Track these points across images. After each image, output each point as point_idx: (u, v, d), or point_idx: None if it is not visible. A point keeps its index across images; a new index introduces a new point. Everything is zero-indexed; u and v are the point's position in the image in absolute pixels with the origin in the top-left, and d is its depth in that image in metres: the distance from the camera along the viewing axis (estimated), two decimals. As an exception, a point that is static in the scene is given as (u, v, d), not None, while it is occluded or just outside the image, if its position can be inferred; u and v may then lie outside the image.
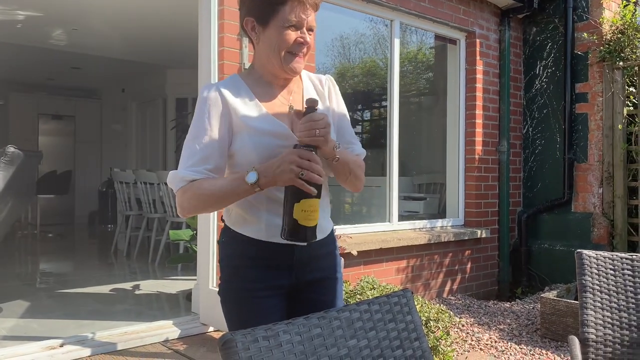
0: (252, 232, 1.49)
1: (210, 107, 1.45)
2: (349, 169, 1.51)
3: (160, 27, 6.29)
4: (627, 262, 1.87)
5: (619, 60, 4.66)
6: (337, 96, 1.60)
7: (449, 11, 4.82)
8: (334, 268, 1.61)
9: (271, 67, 1.49)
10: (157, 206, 6.17)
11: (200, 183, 1.39)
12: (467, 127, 5.14)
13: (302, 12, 1.42)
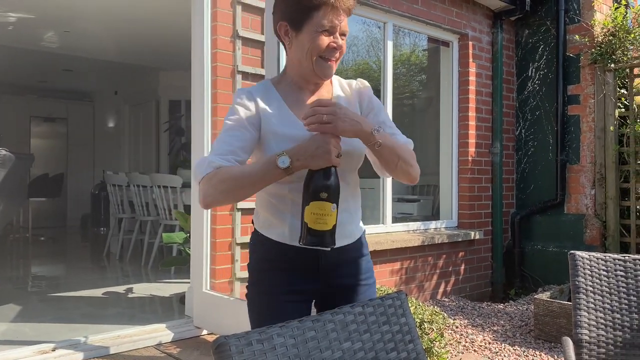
0: (277, 236, 1.50)
1: (242, 110, 1.47)
2: (397, 155, 1.44)
3: (153, 30, 6.27)
4: (619, 263, 1.87)
5: (611, 62, 4.70)
6: (370, 98, 1.58)
7: (441, 14, 4.83)
8: (365, 274, 1.59)
9: (303, 72, 1.50)
10: (150, 209, 6.15)
11: (229, 168, 1.38)
12: (460, 129, 5.16)
13: (336, 17, 1.43)
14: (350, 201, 1.55)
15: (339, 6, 1.42)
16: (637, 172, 4.59)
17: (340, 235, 1.44)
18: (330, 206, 1.34)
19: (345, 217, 1.50)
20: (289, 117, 1.49)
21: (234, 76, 3.51)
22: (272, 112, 1.48)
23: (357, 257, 1.58)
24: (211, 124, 3.47)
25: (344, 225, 1.49)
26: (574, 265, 1.87)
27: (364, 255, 1.60)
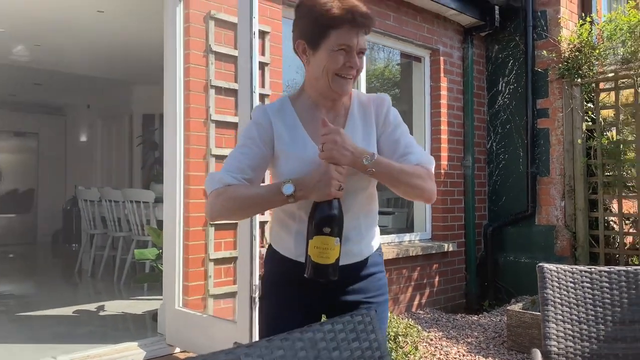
0: (285, 250, 1.56)
1: (257, 127, 1.52)
2: (397, 179, 1.45)
3: (126, 43, 6.22)
4: (586, 275, 1.91)
5: (577, 77, 4.82)
6: (388, 113, 1.58)
7: (413, 29, 4.91)
8: (375, 291, 1.59)
9: (320, 88, 1.52)
10: (122, 224, 6.06)
11: (237, 187, 1.45)
12: (433, 142, 5.22)
13: (353, 36, 1.44)
14: (362, 219, 1.55)
15: (356, 25, 1.43)
16: (605, 183, 4.70)
17: (347, 254, 1.45)
18: (333, 240, 1.35)
19: (353, 236, 1.51)
20: (301, 135, 1.51)
21: (207, 90, 3.50)
22: (286, 130, 1.51)
23: (365, 275, 1.58)
24: (184, 138, 3.45)
25: (351, 244, 1.50)
26: (542, 278, 1.90)
27: (375, 273, 1.60)
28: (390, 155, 1.52)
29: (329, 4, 1.44)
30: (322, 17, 1.43)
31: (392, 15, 4.72)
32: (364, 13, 1.44)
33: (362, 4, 1.47)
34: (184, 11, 3.46)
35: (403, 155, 1.52)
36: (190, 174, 3.42)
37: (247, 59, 2.91)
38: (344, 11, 1.42)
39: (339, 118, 1.56)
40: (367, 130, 1.56)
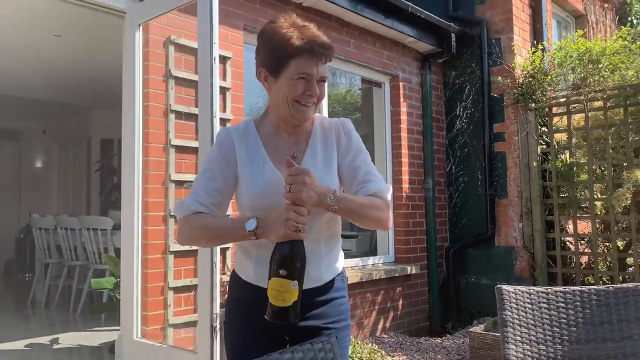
0: (246, 275, 1.57)
1: (220, 149, 1.56)
2: (357, 214, 1.48)
3: (84, 68, 6.12)
4: (542, 295, 1.95)
5: (531, 102, 4.99)
6: (349, 139, 1.60)
7: (373, 56, 5.00)
8: (337, 316, 1.58)
9: (281, 114, 1.54)
10: (78, 253, 5.87)
11: (204, 217, 1.49)
12: (394, 166, 5.29)
13: (313, 65, 1.47)
14: (322, 245, 1.55)
15: (315, 55, 1.46)
16: (560, 205, 4.84)
17: (307, 279, 1.43)
18: (289, 284, 1.33)
19: (312, 260, 1.49)
20: (262, 160, 1.53)
21: (166, 115, 3.47)
22: (247, 153, 1.54)
23: (326, 300, 1.57)
24: (142, 164, 3.39)
25: (310, 269, 1.48)
26: (501, 299, 1.93)
27: (336, 298, 1.60)
28: (349, 181, 1.55)
29: (288, 33, 1.46)
30: (282, 47, 1.46)
31: (353, 42, 4.80)
32: (323, 43, 1.47)
33: (322, 34, 1.50)
34: (144, 36, 3.43)
35: (362, 182, 1.54)
36: (149, 200, 3.35)
37: (207, 84, 2.90)
38: (303, 41, 1.45)
39: (300, 142, 1.58)
40: (327, 155, 1.57)
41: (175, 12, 3.40)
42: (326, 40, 1.49)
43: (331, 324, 1.57)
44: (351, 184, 1.55)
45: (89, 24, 4.79)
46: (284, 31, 1.47)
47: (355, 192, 1.54)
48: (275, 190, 1.43)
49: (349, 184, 1.56)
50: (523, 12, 5.45)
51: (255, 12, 3.98)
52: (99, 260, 5.42)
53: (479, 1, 5.48)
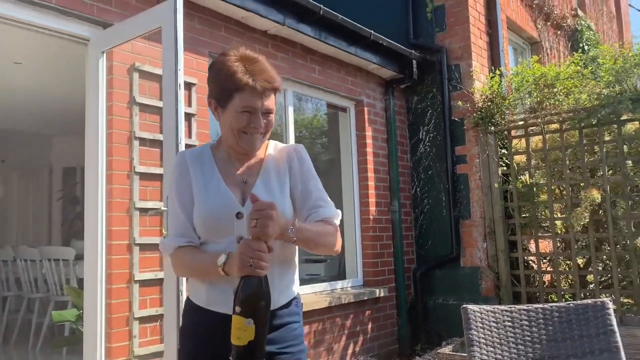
0: (198, 300, 1.58)
1: (178, 176, 1.62)
2: (314, 242, 1.55)
3: (45, 95, 6.02)
4: (507, 314, 1.99)
5: (491, 126, 5.14)
6: (301, 164, 1.65)
7: (338, 82, 5.09)
8: (290, 341, 1.58)
9: (230, 143, 1.60)
10: (39, 285, 5.68)
11: (184, 253, 1.56)
12: (361, 189, 5.35)
13: (257, 99, 1.51)
14: (275, 268, 1.54)
15: (257, 89, 1.51)
16: (522, 225, 4.96)
17: None
18: (243, 321, 1.30)
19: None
20: (217, 182, 1.58)
21: (130, 142, 3.43)
22: (202, 177, 1.58)
23: (279, 324, 1.56)
24: (106, 192, 3.34)
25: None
26: (467, 319, 1.96)
27: (289, 323, 1.59)
28: (301, 206, 1.61)
29: (234, 67, 1.52)
30: (228, 81, 1.52)
31: (318, 68, 4.88)
32: (267, 77, 1.53)
33: (268, 67, 1.56)
34: (107, 63, 3.41)
35: (313, 207, 1.61)
36: (113, 228, 3.29)
37: (172, 110, 2.90)
38: (247, 76, 1.50)
39: (252, 169, 1.62)
40: (281, 180, 1.62)
41: (140, 39, 3.40)
42: (271, 75, 1.54)
43: (285, 349, 1.57)
44: (302, 209, 1.61)
45: (50, 51, 4.74)
46: (231, 65, 1.53)
47: (306, 216, 1.60)
48: (227, 212, 1.49)
49: (301, 208, 1.61)
50: (480, 39, 5.65)
51: (221, 40, 4.01)
52: (60, 292, 5.26)
53: (438, 29, 5.66)
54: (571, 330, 1.94)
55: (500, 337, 1.95)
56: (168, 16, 2.92)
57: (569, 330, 1.94)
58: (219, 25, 4.02)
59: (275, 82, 1.55)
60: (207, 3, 3.86)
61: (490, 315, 1.97)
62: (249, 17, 4.09)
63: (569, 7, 8.14)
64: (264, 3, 4.10)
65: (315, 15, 4.42)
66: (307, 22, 4.47)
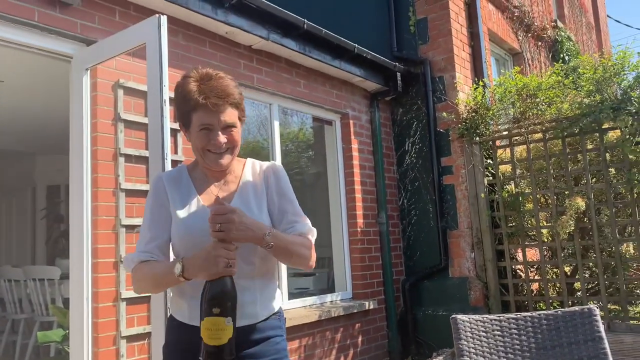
0: (180, 316, 1.59)
1: (153, 196, 1.65)
2: (290, 252, 1.55)
3: (28, 113, 5.97)
4: (496, 323, 2.00)
5: (476, 136, 5.19)
6: (278, 181, 1.67)
7: (323, 95, 5.11)
8: (272, 355, 1.57)
9: (200, 162, 1.63)
10: (23, 305, 5.58)
11: (143, 266, 1.56)
12: (348, 202, 5.35)
13: (212, 116, 1.53)
14: (257, 280, 1.56)
15: (209, 107, 1.52)
16: (509, 234, 5.00)
17: (242, 315, 1.45)
18: (223, 321, 1.34)
19: (247, 297, 1.51)
20: (194, 203, 1.59)
21: (116, 159, 3.41)
22: (179, 197, 1.61)
23: (261, 338, 1.56)
24: (91, 209, 3.30)
25: (245, 306, 1.49)
26: (457, 329, 1.96)
27: (271, 337, 1.58)
28: (278, 222, 1.62)
29: (187, 88, 1.55)
30: (184, 102, 1.56)
31: (303, 82, 4.90)
32: (219, 93, 1.54)
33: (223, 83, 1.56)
34: (91, 80, 3.39)
35: (290, 223, 1.63)
36: (99, 246, 3.26)
37: (158, 126, 2.89)
38: (200, 95, 1.52)
39: (229, 185, 1.64)
40: (258, 198, 1.64)
41: (124, 55, 3.40)
42: (223, 90, 1.55)
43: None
44: (279, 225, 1.62)
45: (33, 68, 4.71)
46: (187, 86, 1.56)
47: (283, 230, 1.61)
48: (205, 229, 1.48)
49: (277, 224, 1.63)
50: (463, 51, 5.73)
51: (206, 55, 4.02)
52: (45, 312, 5.17)
53: (421, 42, 5.72)
54: (560, 338, 1.95)
55: (490, 346, 1.95)
56: (152, 32, 2.92)
57: (558, 337, 1.95)
58: (203, 40, 4.03)
59: (228, 97, 1.56)
60: (191, 19, 3.87)
61: (479, 325, 1.97)
62: (233, 33, 4.11)
63: (549, 18, 8.29)
64: (248, 18, 4.12)
65: (299, 30, 4.45)
66: (291, 37, 4.50)
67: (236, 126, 1.59)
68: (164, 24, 2.90)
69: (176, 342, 1.59)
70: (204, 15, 3.81)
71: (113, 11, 3.47)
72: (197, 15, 3.81)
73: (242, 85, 4.34)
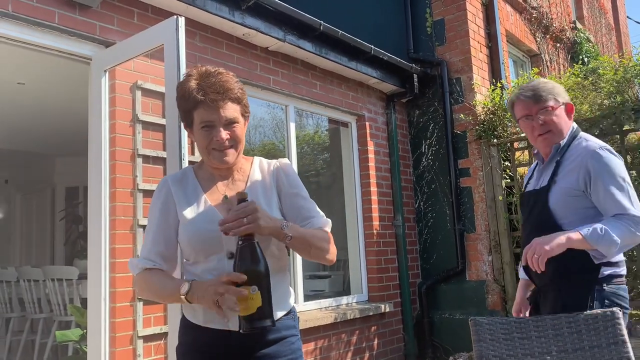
0: (192, 316, 1.58)
1: (158, 200, 1.62)
2: (309, 243, 1.53)
3: (48, 115, 6.05)
4: (515, 325, 1.96)
5: (493, 138, 5.14)
6: (288, 178, 1.65)
7: (339, 97, 5.11)
8: (287, 356, 1.56)
9: (206, 161, 1.62)
10: (42, 305, 5.65)
11: (151, 276, 1.55)
12: (364, 204, 5.33)
13: (211, 113, 1.52)
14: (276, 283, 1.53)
15: (208, 104, 1.51)
16: (527, 237, 4.93)
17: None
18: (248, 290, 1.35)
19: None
20: (201, 201, 1.58)
21: (134, 160, 3.44)
22: (185, 198, 1.59)
23: (276, 339, 1.55)
24: (109, 210, 3.33)
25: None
26: (475, 332, 1.94)
27: (286, 337, 1.57)
28: (293, 220, 1.59)
29: (187, 86, 1.54)
30: (184, 101, 1.56)
31: (319, 84, 4.90)
32: (217, 88, 1.52)
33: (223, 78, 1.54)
34: (110, 82, 3.43)
35: (306, 219, 1.61)
36: (117, 246, 3.28)
37: (175, 127, 2.90)
38: (199, 92, 1.51)
39: (237, 184, 1.63)
40: (267, 195, 1.62)
41: (142, 57, 3.42)
42: (222, 85, 1.53)
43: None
44: (296, 220, 1.60)
45: (53, 71, 4.77)
46: (186, 85, 1.55)
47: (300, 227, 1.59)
48: (213, 229, 1.47)
49: (294, 219, 1.60)
50: (481, 53, 5.68)
51: (223, 57, 4.04)
52: (64, 312, 5.22)
53: (438, 43, 5.69)
54: (581, 341, 1.91)
55: (509, 349, 1.92)
56: (170, 34, 2.94)
57: (579, 341, 1.91)
58: (221, 42, 4.05)
59: (227, 92, 1.54)
60: (209, 21, 3.89)
61: (498, 327, 1.94)
62: (250, 34, 4.12)
63: (568, 20, 8.19)
64: (264, 20, 4.13)
65: (315, 31, 4.45)
66: (308, 38, 4.50)
67: (238, 122, 1.57)
68: (182, 26, 2.92)
69: (190, 343, 1.58)
70: (221, 17, 3.83)
71: (131, 13, 3.51)
72: (215, 17, 3.83)
73: (258, 87, 4.36)
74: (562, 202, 2.00)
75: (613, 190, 1.91)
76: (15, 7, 2.96)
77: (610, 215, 1.92)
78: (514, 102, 2.18)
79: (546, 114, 2.06)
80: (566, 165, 2.03)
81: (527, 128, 2.13)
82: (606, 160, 1.95)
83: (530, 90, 2.10)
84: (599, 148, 1.99)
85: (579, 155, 2.01)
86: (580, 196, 1.98)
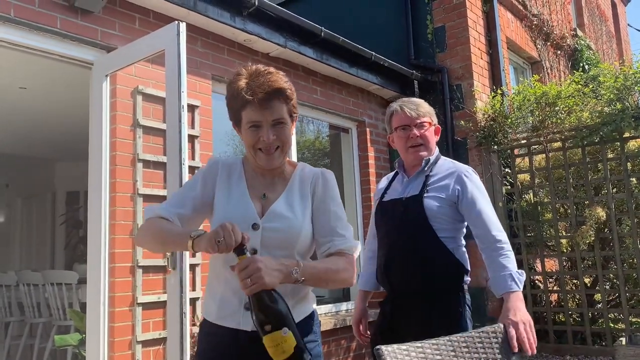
0: (210, 315, 1.59)
1: (206, 174, 1.64)
2: (323, 280, 1.53)
3: (49, 120, 6.06)
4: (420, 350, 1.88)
5: (494, 144, 5.14)
6: (325, 192, 1.64)
7: (339, 103, 5.12)
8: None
9: (250, 160, 1.63)
10: (42, 309, 5.63)
11: (162, 222, 1.54)
12: (364, 210, 5.33)
13: (259, 112, 1.52)
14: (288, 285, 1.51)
15: (256, 103, 1.51)
16: (527, 244, 4.93)
17: None
18: (279, 334, 1.30)
19: None
20: (241, 192, 1.60)
21: (134, 164, 3.44)
22: (227, 186, 1.61)
23: None
24: (109, 214, 3.33)
25: None
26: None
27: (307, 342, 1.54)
28: (319, 232, 1.59)
29: (236, 86, 1.54)
30: (233, 100, 1.56)
31: (320, 90, 4.91)
32: (266, 88, 1.52)
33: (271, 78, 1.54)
34: (111, 86, 3.44)
35: (328, 238, 1.58)
36: (116, 251, 3.28)
37: (175, 132, 2.90)
38: (247, 92, 1.51)
39: (277, 185, 1.63)
40: (303, 201, 1.61)
41: (143, 62, 3.44)
42: (270, 85, 1.52)
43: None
44: (319, 237, 1.59)
45: (55, 75, 4.78)
46: (236, 84, 1.55)
47: (322, 244, 1.58)
48: (245, 221, 1.50)
49: (318, 234, 1.59)
50: (481, 59, 5.69)
51: (223, 62, 4.05)
52: (63, 316, 5.21)
53: (439, 49, 5.70)
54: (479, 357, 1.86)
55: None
56: (171, 39, 2.95)
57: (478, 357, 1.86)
58: (222, 48, 4.06)
59: (276, 92, 1.53)
60: (210, 27, 3.90)
61: (404, 354, 1.83)
62: (251, 40, 4.14)
63: (568, 27, 8.21)
64: (265, 26, 4.15)
65: (316, 38, 4.47)
66: (309, 45, 4.51)
67: (285, 122, 1.56)
68: (183, 31, 2.93)
69: (212, 349, 1.57)
70: (222, 23, 3.84)
71: (133, 18, 3.52)
72: (216, 23, 3.84)
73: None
74: (435, 210, 2.19)
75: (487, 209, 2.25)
76: (17, 12, 2.98)
77: (480, 230, 2.31)
78: (394, 112, 2.34)
79: (423, 129, 2.26)
80: (437, 179, 2.25)
81: (402, 138, 2.29)
82: (475, 180, 2.26)
83: (414, 105, 2.30)
84: (468, 168, 2.29)
85: (448, 171, 2.25)
86: (452, 207, 2.23)
